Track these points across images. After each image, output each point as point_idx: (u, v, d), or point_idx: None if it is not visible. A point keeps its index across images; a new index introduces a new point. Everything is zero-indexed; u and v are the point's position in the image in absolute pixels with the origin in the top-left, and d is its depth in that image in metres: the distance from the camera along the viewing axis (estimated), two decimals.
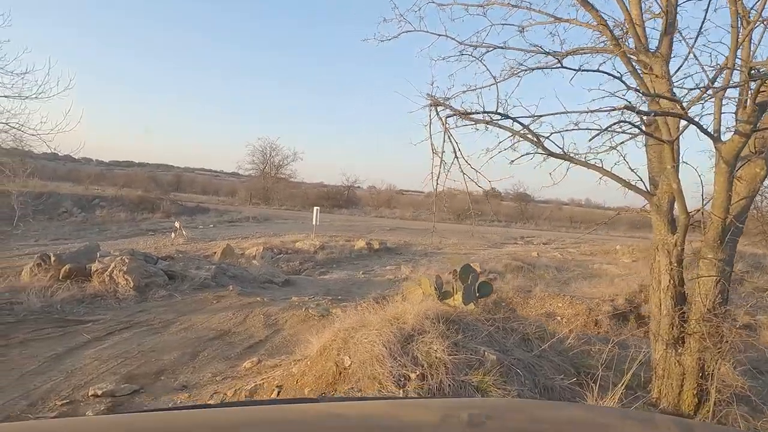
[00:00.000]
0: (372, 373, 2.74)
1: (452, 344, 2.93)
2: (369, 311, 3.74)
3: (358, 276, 12.80)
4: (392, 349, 2.83)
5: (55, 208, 21.96)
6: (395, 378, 2.67)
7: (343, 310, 7.19)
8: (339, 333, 3.31)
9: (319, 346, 3.39)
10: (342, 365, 3.01)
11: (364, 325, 3.25)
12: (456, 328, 3.12)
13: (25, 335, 5.42)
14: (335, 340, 3.28)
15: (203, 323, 6.45)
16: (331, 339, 3.33)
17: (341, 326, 3.40)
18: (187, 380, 4.67)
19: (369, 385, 2.69)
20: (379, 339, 2.92)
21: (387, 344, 2.86)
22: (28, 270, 7.65)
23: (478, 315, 3.63)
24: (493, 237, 28.19)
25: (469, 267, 4.22)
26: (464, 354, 2.89)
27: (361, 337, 3.07)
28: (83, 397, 4.13)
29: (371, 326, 3.16)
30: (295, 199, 36.64)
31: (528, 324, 3.72)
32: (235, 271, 9.23)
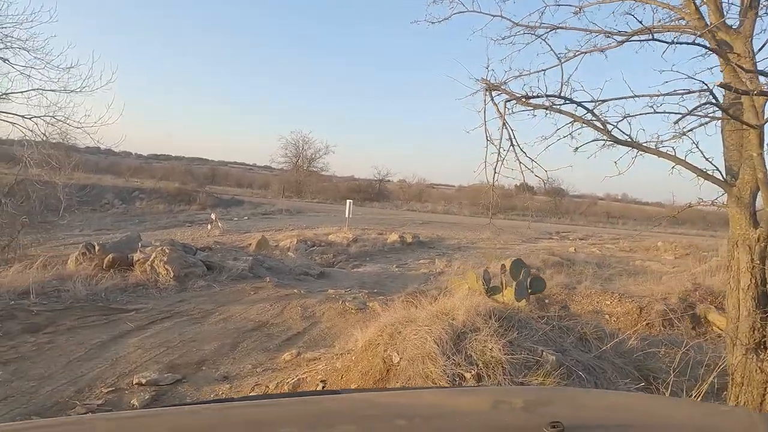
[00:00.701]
0: (424, 372, 2.61)
1: (507, 343, 2.77)
2: (415, 306, 3.60)
3: (391, 269, 12.70)
4: (444, 347, 2.70)
5: (98, 200, 22.73)
6: (449, 377, 2.53)
7: (380, 303, 7.11)
8: (385, 328, 3.20)
9: (364, 341, 3.29)
10: (390, 362, 2.89)
11: (412, 321, 3.12)
12: (509, 326, 2.95)
13: (72, 322, 5.54)
14: (381, 335, 3.16)
15: (241, 314, 6.46)
16: (376, 334, 3.22)
17: (387, 321, 3.28)
18: (228, 371, 4.66)
19: (420, 382, 2.57)
20: (429, 335, 2.79)
21: (438, 341, 2.73)
22: (73, 259, 7.86)
23: (530, 312, 3.44)
24: (527, 232, 27.59)
25: (521, 262, 4.03)
26: (521, 354, 2.73)
27: (409, 333, 2.94)
28: (128, 386, 4.16)
29: (419, 322, 3.02)
30: (326, 192, 36.88)
31: (584, 323, 3.51)
32: (271, 262, 9.26)
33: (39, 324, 5.42)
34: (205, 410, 1.22)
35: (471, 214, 38.08)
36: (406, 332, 3.00)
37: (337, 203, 33.90)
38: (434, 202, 43.24)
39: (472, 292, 3.86)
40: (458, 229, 25.20)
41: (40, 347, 4.80)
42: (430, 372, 2.60)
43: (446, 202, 44.57)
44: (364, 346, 3.24)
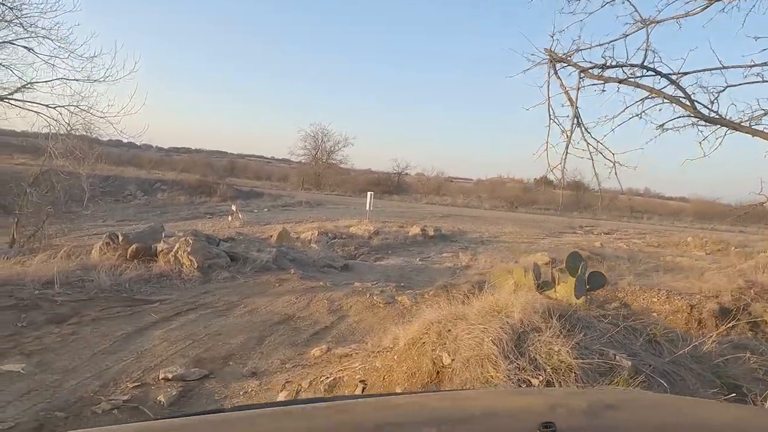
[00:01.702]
0: (483, 376, 2.34)
1: (575, 345, 2.47)
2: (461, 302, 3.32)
3: (415, 262, 12.42)
4: (505, 348, 2.42)
5: (121, 191, 22.91)
6: (514, 383, 2.25)
7: (410, 298, 6.85)
8: (431, 325, 2.93)
9: (406, 339, 3.03)
10: (440, 363, 2.63)
11: (461, 318, 2.85)
12: (572, 326, 2.66)
13: (97, 313, 5.40)
14: (427, 334, 2.90)
15: (267, 307, 6.27)
16: (421, 332, 2.96)
17: (432, 317, 3.01)
18: (256, 366, 4.46)
19: (480, 388, 2.30)
20: (486, 335, 2.51)
21: (497, 342, 2.45)
22: (97, 249, 7.76)
23: (589, 310, 3.14)
24: (550, 226, 27.06)
25: (578, 255, 3.71)
26: (592, 358, 2.44)
27: (460, 332, 2.67)
28: (154, 380, 3.98)
29: (470, 319, 2.75)
30: (345, 185, 36.71)
31: (652, 323, 3.18)
32: (295, 254, 9.06)
33: (63, 314, 5.29)
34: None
35: (491, 208, 37.59)
36: (456, 331, 2.73)
37: (356, 196, 33.70)
38: (452, 195, 42.77)
39: (519, 287, 3.57)
40: (480, 223, 24.82)
41: (64, 338, 4.66)
42: (491, 377, 2.32)
43: (465, 195, 44.06)
44: (408, 345, 2.98)
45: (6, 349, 4.30)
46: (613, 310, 3.38)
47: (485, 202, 40.42)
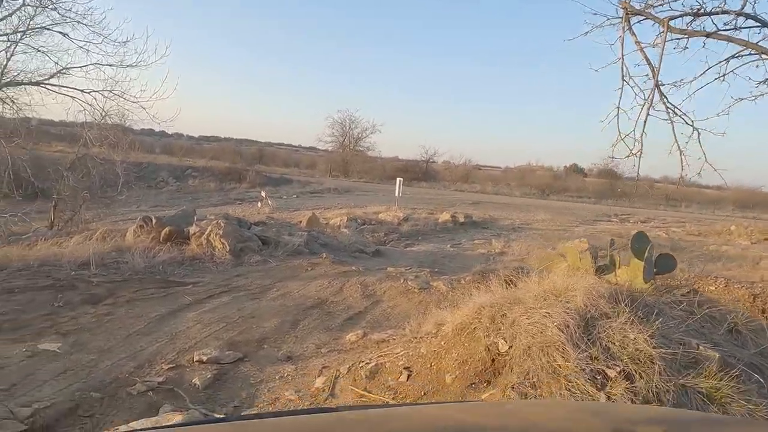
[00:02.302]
0: (549, 365, 2.10)
1: (652, 333, 2.20)
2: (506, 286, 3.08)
3: (446, 249, 12.17)
4: (573, 335, 2.17)
5: (153, 178, 23.32)
6: (588, 374, 2.01)
7: (445, 283, 6.61)
8: (483, 309, 2.70)
9: (454, 324, 2.81)
10: (495, 350, 2.40)
11: (516, 302, 2.61)
12: (645, 313, 2.39)
13: (131, 294, 5.37)
14: (478, 319, 2.67)
15: (299, 290, 6.15)
16: (471, 316, 2.73)
17: (483, 301, 2.78)
18: (291, 350, 4.32)
19: (547, 379, 2.07)
20: (549, 320, 2.27)
21: (563, 327, 2.21)
22: (131, 231, 7.80)
23: (657, 296, 2.85)
24: (583, 213, 26.30)
25: (644, 236, 3.40)
26: (671, 347, 2.16)
27: (518, 317, 2.43)
28: (188, 362, 3.89)
29: (528, 303, 2.51)
30: (372, 172, 36.52)
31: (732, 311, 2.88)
32: (326, 239, 8.93)
33: (99, 295, 5.28)
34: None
35: (522, 195, 36.79)
36: (512, 315, 2.49)
37: (384, 183, 33.51)
38: (481, 183, 42.10)
39: (573, 271, 3.29)
40: (510, 210, 24.30)
41: (99, 319, 4.63)
42: (559, 366, 2.08)
43: (493, 183, 43.31)
44: (456, 330, 2.76)
45: (43, 328, 4.29)
46: (682, 296, 3.08)
47: (515, 189, 39.59)
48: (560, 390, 1.99)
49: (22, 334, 4.10)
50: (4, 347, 3.81)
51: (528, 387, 2.08)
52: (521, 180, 46.67)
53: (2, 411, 2.88)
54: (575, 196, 39.96)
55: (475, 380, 2.40)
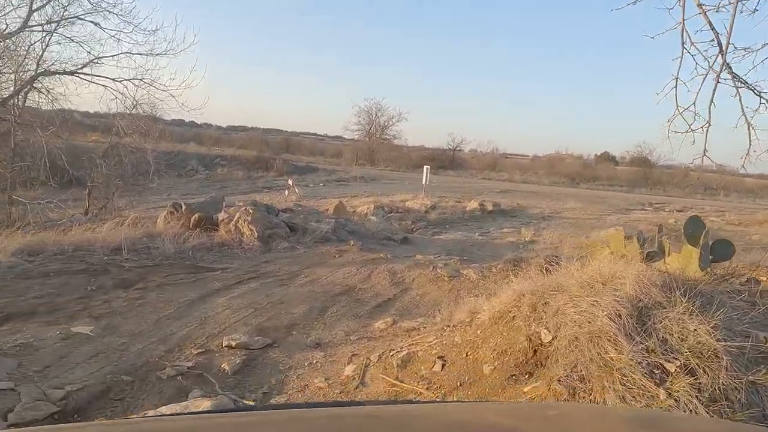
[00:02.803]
0: (600, 357, 1.94)
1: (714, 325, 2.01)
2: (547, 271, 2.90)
3: (475, 237, 11.95)
4: (626, 325, 2.00)
5: (183, 166, 23.72)
6: (645, 369, 1.84)
7: (476, 271, 6.45)
8: (522, 297, 2.55)
9: (491, 312, 2.66)
10: (537, 340, 2.25)
11: (559, 289, 2.45)
12: (701, 302, 2.19)
13: (162, 279, 5.41)
14: (518, 307, 2.52)
15: (327, 277, 6.09)
16: (510, 304, 2.58)
17: (523, 288, 2.62)
18: (320, 337, 4.26)
19: (598, 373, 1.91)
20: (598, 309, 2.10)
21: (614, 317, 2.04)
22: (162, 217, 7.88)
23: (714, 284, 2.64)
24: (616, 202, 25.53)
25: (699, 220, 3.17)
26: (736, 340, 1.97)
27: (562, 305, 2.27)
28: (217, 347, 3.87)
29: (572, 291, 2.34)
30: (398, 161, 36.27)
31: None
32: (353, 226, 8.86)
33: (130, 279, 5.33)
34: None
35: (551, 183, 35.95)
36: (556, 304, 2.33)
37: (410, 171, 33.24)
38: (508, 171, 41.33)
39: (617, 257, 3.09)
40: (539, 198, 23.77)
41: (130, 303, 4.67)
42: (611, 359, 1.92)
43: (521, 171, 42.47)
44: (493, 319, 2.62)
45: (76, 311, 4.34)
46: (741, 285, 2.86)
47: (544, 178, 38.74)
48: (613, 384, 1.83)
49: (56, 317, 4.15)
50: (40, 329, 3.86)
51: (576, 380, 1.93)
52: (550, 168, 45.73)
53: (36, 392, 2.90)
54: (606, 184, 38.86)
55: (515, 372, 2.26)
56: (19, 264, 5.37)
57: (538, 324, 2.32)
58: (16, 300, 4.45)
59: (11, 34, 9.72)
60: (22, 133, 10.16)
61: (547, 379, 2.05)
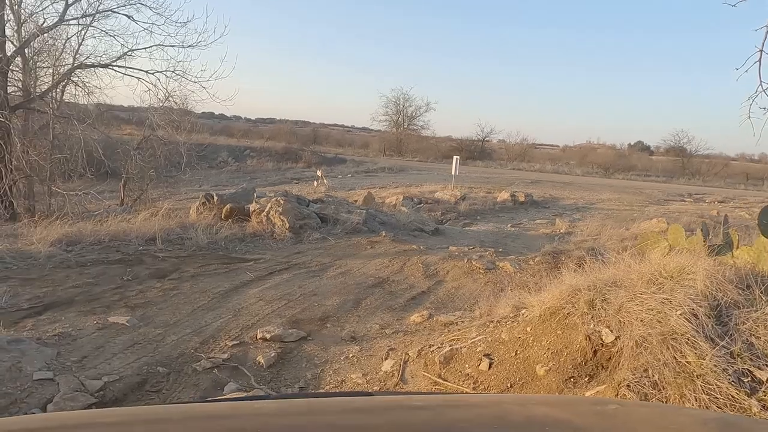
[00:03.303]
0: (675, 362, 1.75)
1: None
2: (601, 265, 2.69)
3: (507, 229, 11.66)
4: (704, 327, 1.80)
5: (214, 158, 24.04)
6: (731, 377, 1.65)
7: (512, 264, 6.23)
8: (578, 292, 2.36)
9: (542, 307, 2.48)
10: (598, 340, 2.07)
11: (618, 284, 2.25)
12: None
13: (195, 270, 5.40)
14: (572, 303, 2.33)
15: (359, 269, 5.98)
16: (563, 300, 2.40)
17: (578, 283, 2.43)
18: (355, 330, 4.15)
19: (674, 379, 1.71)
20: (670, 308, 1.90)
21: (690, 317, 1.84)
22: (194, 208, 7.92)
23: None
24: (653, 193, 24.61)
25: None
26: None
27: (625, 302, 2.08)
28: (252, 339, 3.80)
29: (636, 287, 2.14)
30: (426, 152, 35.90)
31: None
32: (384, 217, 8.72)
33: (164, 270, 5.34)
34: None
35: (583, 174, 34.96)
36: (617, 300, 2.14)
37: (439, 162, 32.89)
38: (538, 161, 40.43)
39: (677, 251, 2.84)
40: (572, 189, 23.14)
41: (165, 293, 4.66)
42: (688, 363, 1.73)
43: (552, 161, 41.49)
44: (544, 315, 2.44)
45: (113, 301, 4.35)
46: None
47: (576, 168, 37.74)
48: (695, 393, 1.64)
49: (93, 307, 4.17)
50: (78, 319, 3.87)
51: (648, 387, 1.75)
52: (582, 158, 44.60)
53: (74, 383, 2.88)
54: (642, 174, 37.57)
55: (573, 373, 2.08)
56: (58, 254, 5.45)
57: (598, 322, 2.13)
58: (55, 289, 4.51)
59: (49, 28, 9.91)
60: (60, 126, 10.38)
61: (614, 384, 1.86)
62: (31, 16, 9.90)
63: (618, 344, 2.00)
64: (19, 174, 9.51)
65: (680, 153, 44.33)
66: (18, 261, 5.19)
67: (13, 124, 9.40)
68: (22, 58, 10.26)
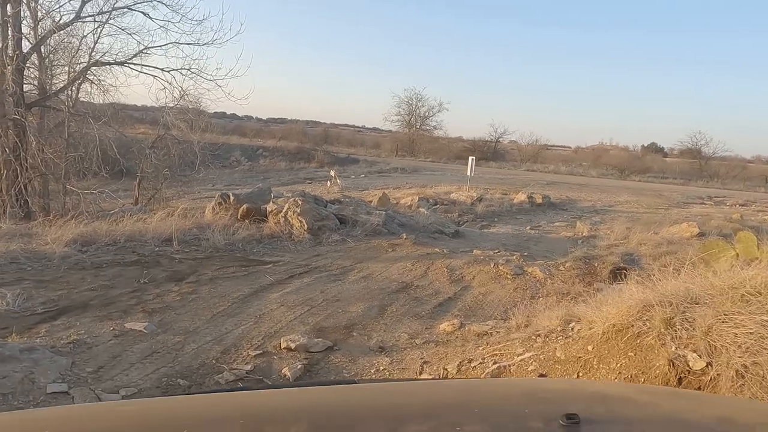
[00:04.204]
0: None
1: None
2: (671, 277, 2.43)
3: (526, 231, 11.35)
4: None
5: (227, 157, 23.96)
6: None
7: (541, 269, 5.96)
8: (650, 309, 2.10)
9: (605, 324, 2.22)
10: (684, 366, 1.82)
11: (697, 300, 1.99)
12: None
13: (213, 272, 5.21)
14: (644, 321, 2.08)
15: (381, 273, 5.75)
16: (631, 315, 2.14)
17: (648, 298, 2.17)
18: (383, 340, 3.92)
19: None
20: None
21: None
22: (210, 208, 7.75)
23: None
24: (672, 195, 24.09)
25: None
26: None
27: (714, 322, 1.82)
28: (275, 349, 3.59)
29: (714, 303, 1.88)
30: (439, 152, 35.60)
31: None
32: (403, 219, 8.48)
33: (182, 272, 5.15)
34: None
35: (598, 175, 34.41)
36: (703, 320, 1.87)
37: (451, 162, 32.59)
38: (550, 163, 39.94)
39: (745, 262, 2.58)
40: (589, 191, 22.72)
41: (183, 297, 4.47)
42: None
43: (565, 163, 40.97)
44: (608, 333, 2.18)
45: (129, 305, 4.16)
46: None
47: (590, 169, 37.20)
48: None
49: (109, 311, 3.98)
50: (93, 324, 3.69)
51: None
52: (595, 160, 44.05)
53: (90, 396, 2.69)
54: (659, 176, 36.94)
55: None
56: (73, 254, 5.29)
57: (680, 345, 1.88)
58: (70, 292, 4.33)
59: (65, 25, 9.82)
60: (76, 124, 10.29)
61: None
62: (47, 14, 9.82)
63: (710, 372, 1.75)
64: (34, 172, 9.42)
65: (696, 155, 43.60)
66: (32, 262, 5.03)
67: (28, 121, 9.32)
68: (38, 55, 10.20)
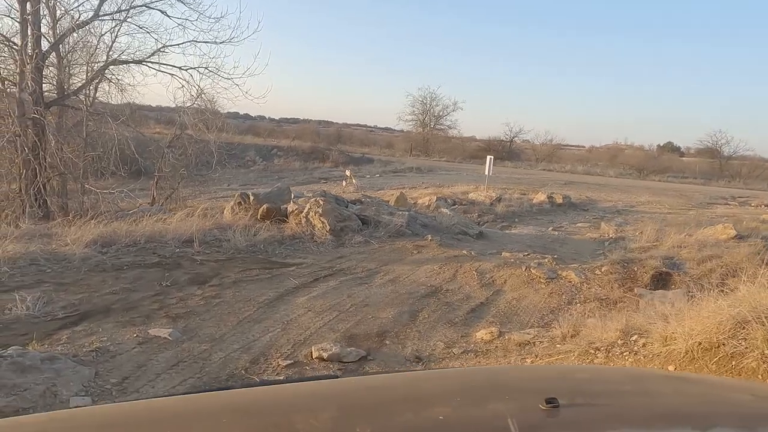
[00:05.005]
0: None
1: None
2: None
3: (549, 232, 11.04)
4: None
5: (242, 157, 23.93)
6: None
7: (577, 273, 5.69)
8: (747, 324, 1.86)
9: (690, 341, 1.97)
10: None
11: None
12: None
13: (236, 275, 5.03)
14: (739, 339, 1.83)
15: (408, 276, 5.54)
16: (722, 332, 1.89)
17: (740, 312, 1.93)
18: (418, 349, 3.70)
19: None
20: None
21: None
22: (229, 208, 7.60)
23: None
24: (694, 195, 23.53)
25: None
26: None
27: None
28: (306, 358, 3.39)
29: None
30: (453, 152, 35.27)
31: None
32: (425, 219, 8.26)
33: (204, 275, 4.98)
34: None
35: (616, 175, 33.80)
36: None
37: (466, 162, 32.26)
38: (566, 162, 39.38)
39: None
40: (608, 191, 22.26)
41: (207, 301, 4.29)
42: None
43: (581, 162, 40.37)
44: (694, 351, 1.94)
45: (152, 310, 4.00)
46: None
47: (608, 169, 36.59)
48: None
49: (132, 317, 3.82)
50: (116, 331, 3.52)
51: None
52: (611, 159, 43.36)
53: None
54: (679, 176, 36.21)
55: None
56: (93, 256, 5.15)
57: None
58: (91, 296, 4.18)
59: (84, 24, 9.75)
60: (94, 123, 10.23)
61: None
62: (66, 12, 9.76)
63: None
64: (53, 171, 9.36)
65: (716, 154, 42.68)
66: (52, 263, 4.90)
67: (47, 121, 9.26)
68: (56, 54, 10.14)
